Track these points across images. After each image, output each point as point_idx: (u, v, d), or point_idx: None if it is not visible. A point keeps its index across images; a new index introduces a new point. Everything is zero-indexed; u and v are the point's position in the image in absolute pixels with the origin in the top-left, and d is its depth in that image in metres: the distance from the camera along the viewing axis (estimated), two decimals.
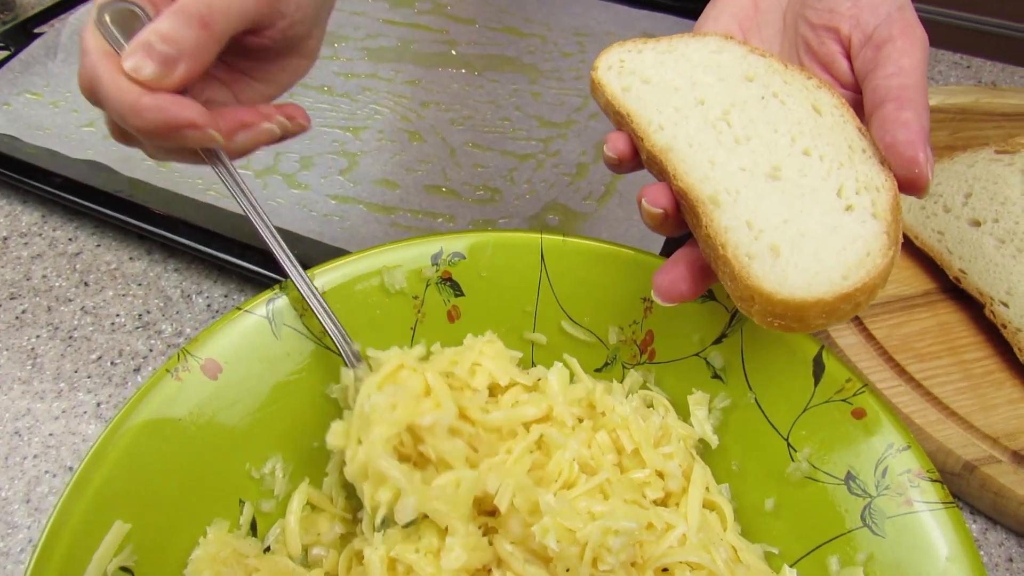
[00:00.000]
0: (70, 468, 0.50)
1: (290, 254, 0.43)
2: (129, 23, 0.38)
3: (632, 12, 0.89)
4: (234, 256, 0.59)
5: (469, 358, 0.44)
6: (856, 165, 0.35)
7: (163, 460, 0.39)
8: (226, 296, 0.61)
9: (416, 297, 0.48)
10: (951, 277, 0.56)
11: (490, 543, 0.38)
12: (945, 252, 0.57)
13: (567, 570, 0.36)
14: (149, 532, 0.38)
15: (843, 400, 0.41)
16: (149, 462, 0.39)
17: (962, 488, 0.48)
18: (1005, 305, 0.53)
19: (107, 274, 0.62)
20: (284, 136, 0.44)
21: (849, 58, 0.39)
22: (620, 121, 0.40)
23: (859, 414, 0.40)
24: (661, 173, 0.37)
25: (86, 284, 0.62)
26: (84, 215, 0.66)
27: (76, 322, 0.59)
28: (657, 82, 0.40)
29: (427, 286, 0.48)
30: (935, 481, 0.37)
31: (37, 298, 0.60)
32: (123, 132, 0.40)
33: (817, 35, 0.39)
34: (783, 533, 0.41)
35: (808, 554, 0.39)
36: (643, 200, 0.36)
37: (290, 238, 0.62)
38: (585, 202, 0.67)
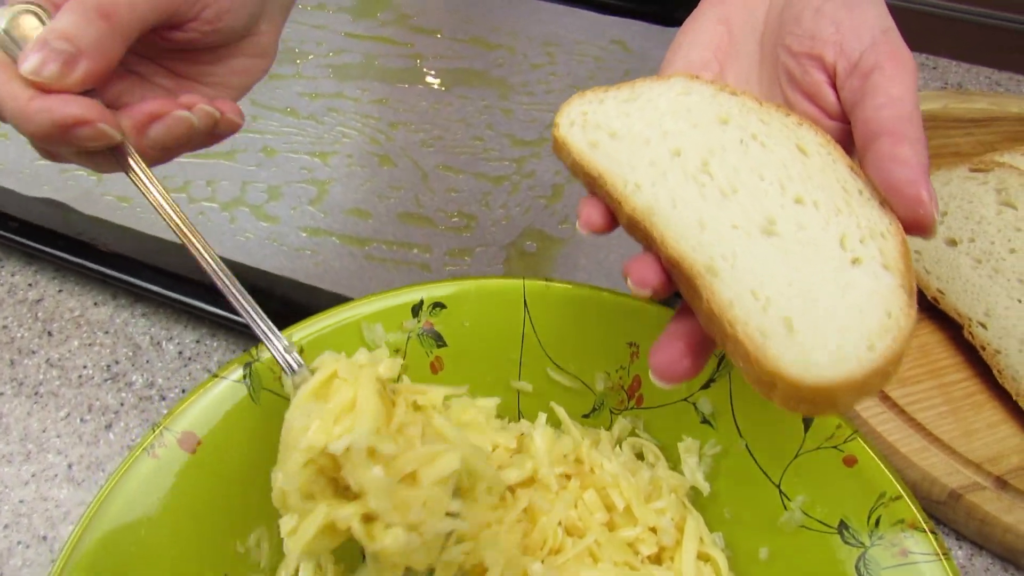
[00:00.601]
0: (44, 537, 0.49)
1: (223, 268, 0.39)
2: (26, 28, 0.35)
3: (601, 19, 0.87)
4: (205, 302, 0.57)
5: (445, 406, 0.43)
6: (855, 210, 0.33)
7: (144, 545, 0.38)
8: (198, 342, 0.59)
9: (398, 350, 0.46)
10: (929, 298, 0.56)
11: None
12: (923, 272, 0.57)
13: None
14: None
15: (834, 447, 0.41)
16: (130, 549, 0.37)
17: (948, 515, 0.49)
18: (983, 326, 0.53)
19: (71, 322, 0.60)
20: (213, 134, 0.41)
21: (835, 87, 0.36)
22: (592, 183, 0.37)
23: (850, 461, 0.40)
24: (646, 239, 0.35)
25: (50, 334, 0.59)
26: (44, 258, 0.64)
27: (41, 376, 0.56)
28: (625, 135, 0.37)
29: (408, 338, 0.47)
30: (929, 532, 0.37)
31: None
32: (45, 148, 0.37)
33: (800, 64, 0.37)
34: None
35: None
36: (629, 280, 0.34)
37: (263, 277, 0.60)
38: (562, 227, 0.66)
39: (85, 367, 0.57)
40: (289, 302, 0.59)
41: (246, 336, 0.57)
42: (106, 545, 0.36)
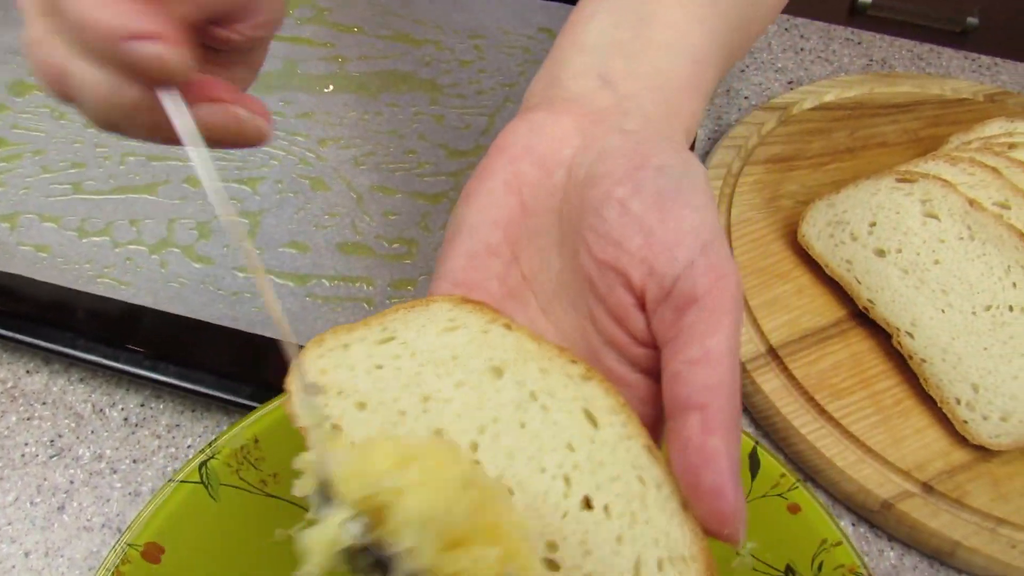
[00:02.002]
0: None
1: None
2: None
3: (527, 3, 0.84)
4: (144, 369, 0.55)
5: None
6: (652, 517, 0.27)
7: None
8: (142, 406, 0.57)
9: None
10: (860, 307, 0.59)
11: None
12: (854, 282, 0.59)
13: None
14: None
15: (778, 495, 0.43)
16: None
17: (881, 522, 0.53)
18: (911, 336, 0.56)
19: (4, 395, 0.58)
20: (239, 140, 0.35)
21: (645, 309, 0.30)
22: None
23: (794, 509, 0.43)
24: None
25: None
26: None
27: None
28: (376, 405, 0.29)
29: None
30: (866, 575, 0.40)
31: None
32: (61, 82, 0.31)
33: (603, 275, 0.31)
34: None
35: None
36: None
37: (206, 330, 0.59)
38: None
39: (27, 444, 0.55)
40: (236, 356, 0.57)
41: (192, 397, 0.56)
42: None
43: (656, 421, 0.31)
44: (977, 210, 0.55)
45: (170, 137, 0.33)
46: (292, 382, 0.30)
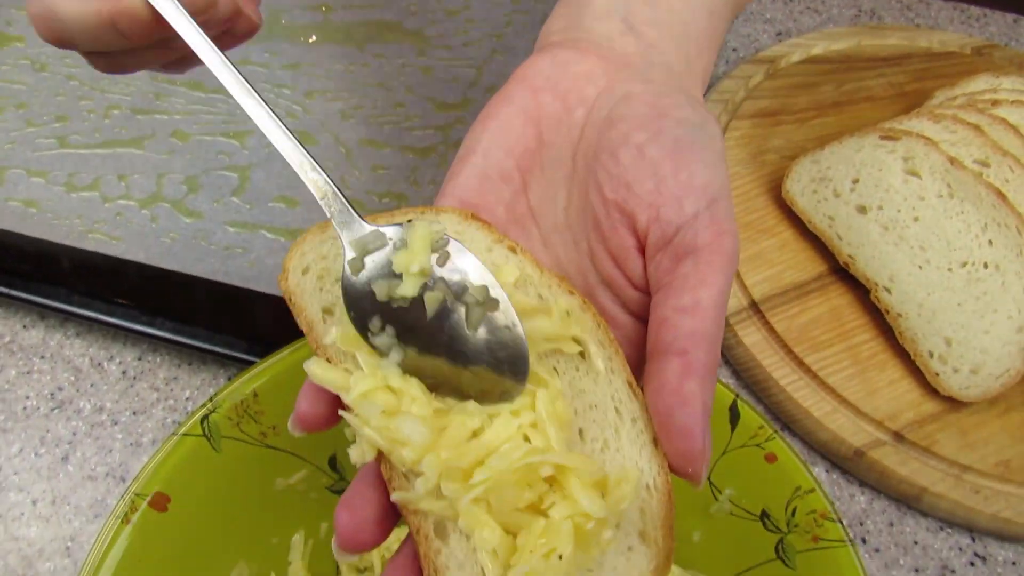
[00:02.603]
0: None
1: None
2: None
3: None
4: (140, 324, 0.56)
5: None
6: (623, 447, 0.28)
7: None
8: (140, 359, 0.59)
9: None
10: (841, 263, 0.61)
11: None
12: (835, 238, 0.61)
13: None
14: None
15: (756, 445, 0.45)
16: None
17: (853, 469, 0.55)
18: (888, 291, 0.58)
19: (2, 349, 0.59)
20: (231, 33, 0.40)
21: (644, 254, 0.31)
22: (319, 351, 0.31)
23: (771, 458, 0.45)
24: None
25: None
26: None
27: None
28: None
29: None
30: (835, 521, 0.43)
31: None
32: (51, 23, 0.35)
33: (608, 214, 0.31)
34: (709, 562, 0.47)
35: None
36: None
37: (198, 284, 0.60)
38: None
39: (28, 397, 0.57)
40: (230, 311, 0.58)
41: (188, 351, 0.57)
42: None
43: (639, 363, 0.32)
44: (957, 168, 0.56)
45: (168, 54, 0.35)
46: (291, 260, 0.31)
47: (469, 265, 0.30)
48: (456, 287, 0.29)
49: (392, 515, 0.30)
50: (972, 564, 0.54)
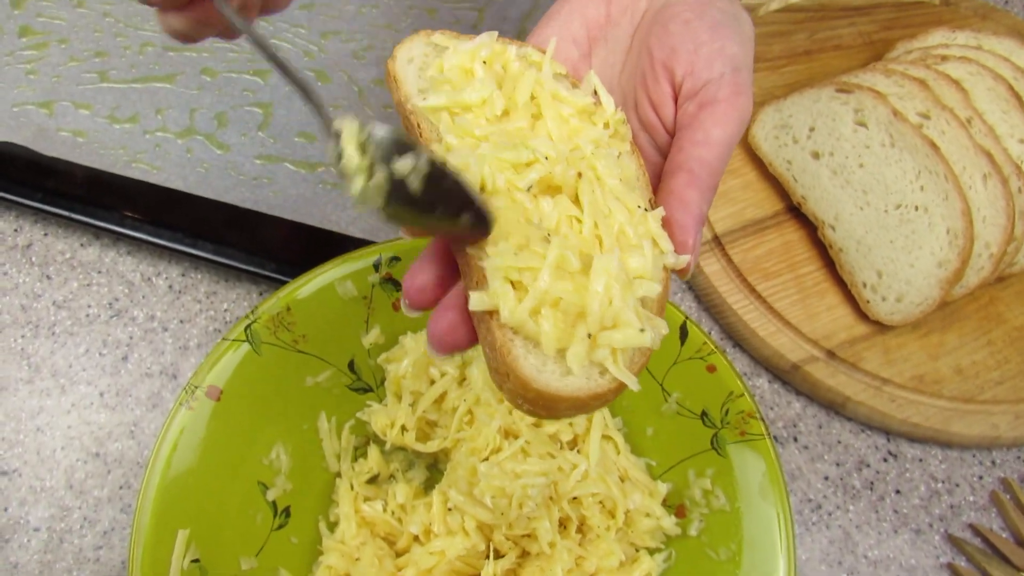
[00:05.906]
0: (96, 454, 0.61)
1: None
2: None
3: None
4: (184, 245, 0.65)
5: None
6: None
7: (195, 473, 0.51)
8: (183, 275, 0.68)
9: (365, 297, 0.57)
10: (794, 202, 0.69)
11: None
12: (791, 180, 0.68)
13: (502, 513, 0.52)
14: (202, 528, 0.51)
15: (700, 358, 0.55)
16: (186, 478, 0.50)
17: (790, 380, 0.65)
18: (833, 228, 0.66)
19: (65, 264, 0.68)
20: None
21: (676, 104, 0.38)
22: (409, 127, 0.37)
23: (711, 369, 0.55)
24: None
25: (48, 277, 0.67)
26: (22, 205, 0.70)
27: (53, 318, 0.66)
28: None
29: (373, 287, 0.57)
30: (759, 420, 0.53)
31: (7, 297, 0.66)
32: None
33: (654, 73, 0.38)
34: (658, 451, 0.57)
35: (674, 466, 0.56)
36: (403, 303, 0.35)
37: (231, 211, 0.68)
38: None
39: (89, 306, 0.66)
40: (261, 235, 0.67)
41: (225, 269, 0.66)
42: (170, 461, 0.50)
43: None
44: (899, 121, 0.64)
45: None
46: (401, 49, 0.38)
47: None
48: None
49: (451, 277, 0.35)
50: (885, 460, 0.64)
